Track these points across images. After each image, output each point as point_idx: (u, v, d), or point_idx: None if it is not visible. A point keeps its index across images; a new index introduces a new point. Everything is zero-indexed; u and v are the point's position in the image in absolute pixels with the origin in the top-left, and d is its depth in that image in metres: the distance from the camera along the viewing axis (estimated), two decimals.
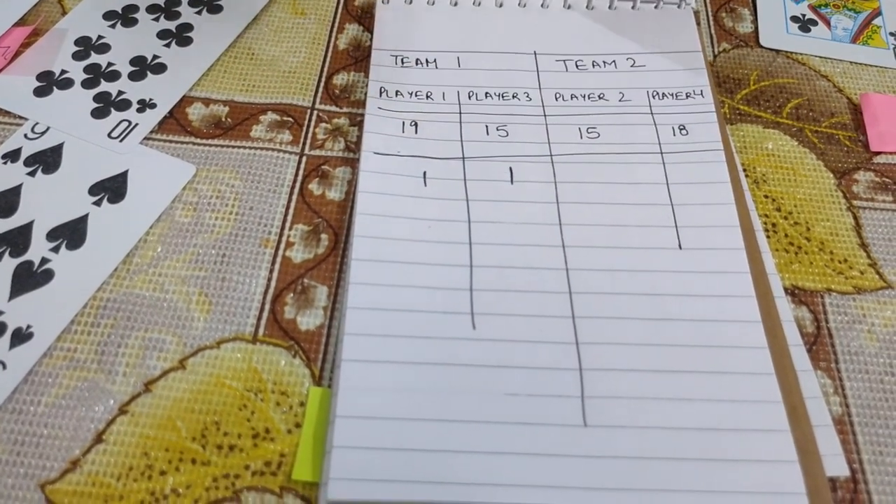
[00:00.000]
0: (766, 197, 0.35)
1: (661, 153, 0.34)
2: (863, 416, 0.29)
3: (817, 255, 0.33)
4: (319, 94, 0.37)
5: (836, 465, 0.27)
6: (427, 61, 0.37)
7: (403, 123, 0.35)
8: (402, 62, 0.37)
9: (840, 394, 0.29)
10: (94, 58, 0.38)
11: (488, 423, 0.27)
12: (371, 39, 0.39)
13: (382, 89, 0.36)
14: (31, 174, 0.34)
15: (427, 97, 0.36)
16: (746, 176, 0.35)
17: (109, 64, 0.38)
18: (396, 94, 0.36)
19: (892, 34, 0.41)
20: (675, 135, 0.35)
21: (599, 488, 0.25)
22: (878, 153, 0.36)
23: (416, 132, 0.34)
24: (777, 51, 0.40)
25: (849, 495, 0.27)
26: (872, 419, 0.29)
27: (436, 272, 0.30)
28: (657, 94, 0.37)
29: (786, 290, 0.32)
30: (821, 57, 0.40)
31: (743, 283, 0.30)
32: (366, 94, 0.37)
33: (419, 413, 0.27)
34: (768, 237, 0.33)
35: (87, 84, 0.37)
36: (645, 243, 0.31)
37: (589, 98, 0.36)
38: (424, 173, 0.33)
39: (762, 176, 0.35)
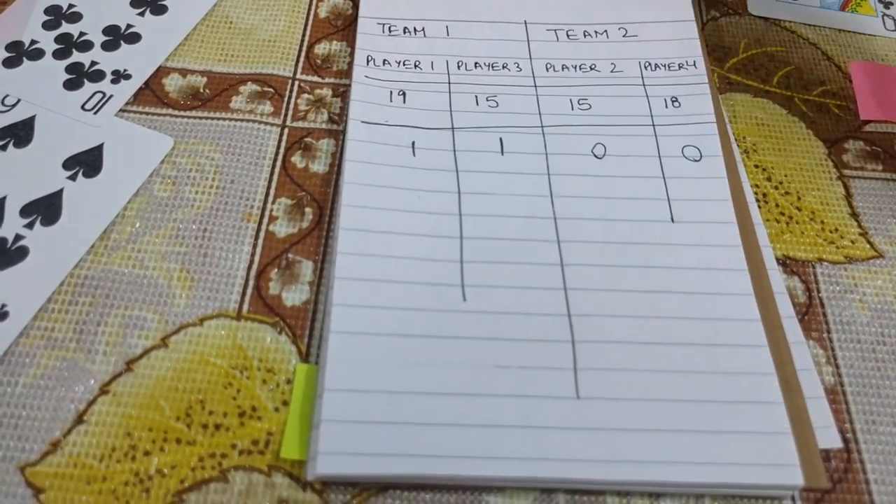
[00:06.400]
0: (756, 167, 0.34)
1: (654, 125, 0.34)
2: (855, 385, 0.29)
3: (808, 225, 0.33)
4: (301, 64, 0.36)
5: (828, 436, 0.27)
6: (415, 30, 0.36)
7: (391, 92, 0.34)
8: (390, 30, 0.36)
9: (832, 364, 0.29)
10: (66, 27, 0.37)
11: (479, 395, 0.26)
12: (353, 7, 0.38)
13: (369, 57, 0.35)
14: (3, 148, 0.32)
15: (415, 66, 0.35)
16: (737, 146, 0.35)
17: (81, 33, 0.36)
18: (384, 63, 0.35)
19: (880, 2, 0.41)
20: (667, 107, 0.34)
21: (592, 460, 0.25)
22: (868, 122, 0.36)
23: (403, 101, 0.34)
24: (766, 18, 0.40)
25: (842, 465, 0.27)
26: (865, 388, 0.29)
27: (425, 243, 0.29)
28: (650, 64, 0.36)
29: (777, 260, 0.31)
30: (810, 25, 0.40)
31: (735, 256, 0.30)
32: (349, 63, 0.36)
33: (409, 386, 0.26)
34: (759, 207, 0.33)
35: (58, 54, 0.35)
36: (637, 216, 0.31)
37: (580, 69, 0.36)
38: (413, 143, 0.32)
39: (752, 145, 0.35)
